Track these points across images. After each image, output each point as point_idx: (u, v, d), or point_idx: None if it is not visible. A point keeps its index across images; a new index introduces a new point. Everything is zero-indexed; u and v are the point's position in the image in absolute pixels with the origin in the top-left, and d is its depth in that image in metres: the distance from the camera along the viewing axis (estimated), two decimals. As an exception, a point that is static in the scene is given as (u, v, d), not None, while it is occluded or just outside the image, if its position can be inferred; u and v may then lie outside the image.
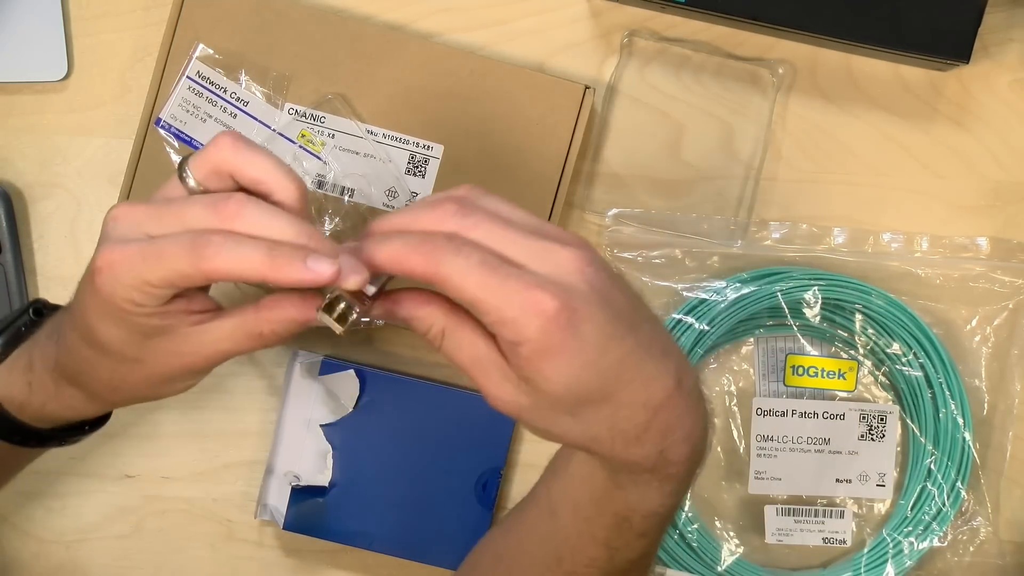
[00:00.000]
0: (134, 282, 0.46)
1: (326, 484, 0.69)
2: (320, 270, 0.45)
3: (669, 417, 0.46)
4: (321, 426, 0.69)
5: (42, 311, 0.60)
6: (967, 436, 0.69)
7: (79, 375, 0.53)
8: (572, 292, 0.43)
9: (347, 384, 0.69)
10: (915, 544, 0.69)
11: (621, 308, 0.44)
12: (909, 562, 0.69)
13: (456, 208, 0.44)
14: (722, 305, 0.68)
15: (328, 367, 0.69)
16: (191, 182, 0.47)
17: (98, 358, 0.51)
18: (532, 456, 0.70)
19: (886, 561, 0.69)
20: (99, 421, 0.60)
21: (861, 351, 0.71)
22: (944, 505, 0.69)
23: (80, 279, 0.50)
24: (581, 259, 0.44)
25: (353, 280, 0.45)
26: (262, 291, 0.65)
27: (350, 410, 0.69)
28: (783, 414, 0.70)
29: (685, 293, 0.70)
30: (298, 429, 0.69)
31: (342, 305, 0.46)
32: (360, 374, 0.69)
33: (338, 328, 0.47)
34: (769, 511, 0.70)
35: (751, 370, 0.71)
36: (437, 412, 0.70)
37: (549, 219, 0.67)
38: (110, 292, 0.47)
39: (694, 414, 0.47)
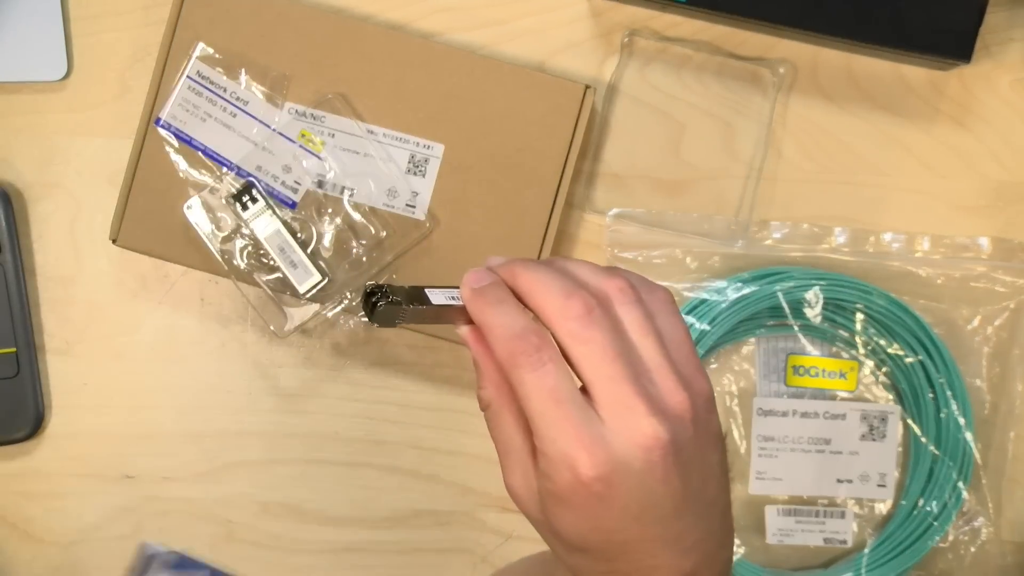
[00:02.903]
0: None
1: None
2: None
3: None
4: None
5: None
6: (968, 436, 0.69)
7: None
8: (620, 466, 0.40)
9: None
10: (916, 544, 0.69)
11: (668, 496, 0.42)
12: (910, 562, 0.69)
13: (584, 311, 0.41)
14: (723, 305, 0.68)
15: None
16: None
17: None
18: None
19: (887, 561, 0.69)
20: None
21: (862, 351, 0.71)
22: (945, 505, 0.69)
23: None
24: (660, 439, 0.41)
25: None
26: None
27: None
28: (784, 414, 0.70)
29: (686, 293, 0.69)
30: None
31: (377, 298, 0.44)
32: None
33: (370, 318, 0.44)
34: (770, 511, 0.70)
35: (752, 370, 0.71)
36: None
37: (549, 219, 0.66)
38: None
39: None
